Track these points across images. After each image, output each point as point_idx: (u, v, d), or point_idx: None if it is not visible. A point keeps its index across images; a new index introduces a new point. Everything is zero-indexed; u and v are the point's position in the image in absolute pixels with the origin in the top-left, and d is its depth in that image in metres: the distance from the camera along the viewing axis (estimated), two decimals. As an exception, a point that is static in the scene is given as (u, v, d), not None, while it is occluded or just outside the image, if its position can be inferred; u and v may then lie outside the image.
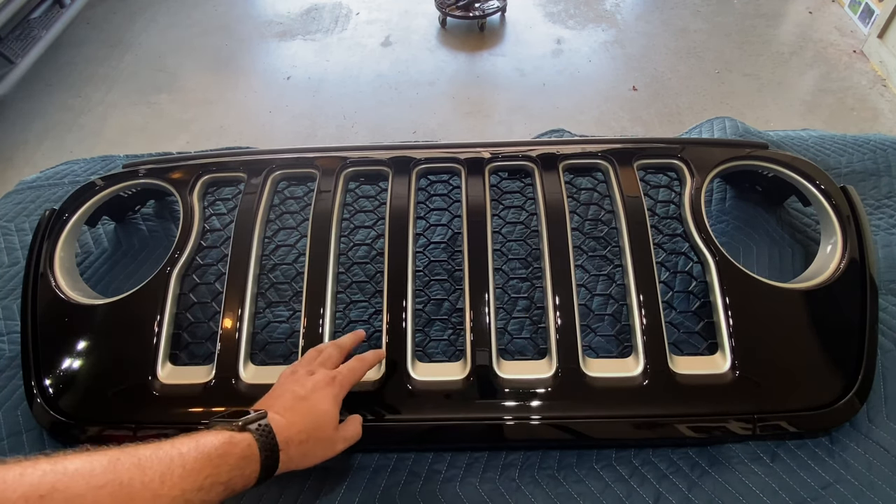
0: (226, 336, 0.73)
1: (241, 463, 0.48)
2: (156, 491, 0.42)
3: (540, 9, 2.89)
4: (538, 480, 0.65)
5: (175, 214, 0.99)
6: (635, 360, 0.70)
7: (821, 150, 1.04)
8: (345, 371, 0.61)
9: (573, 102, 2.39)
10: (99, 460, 0.41)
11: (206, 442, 0.47)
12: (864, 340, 0.69)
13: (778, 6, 2.81)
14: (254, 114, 2.42)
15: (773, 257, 0.88)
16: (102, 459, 0.42)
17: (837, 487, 0.62)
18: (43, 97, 2.49)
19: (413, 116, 2.37)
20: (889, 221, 0.91)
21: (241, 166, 0.88)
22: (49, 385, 0.71)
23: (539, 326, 0.78)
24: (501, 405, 0.68)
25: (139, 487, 0.41)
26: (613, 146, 0.86)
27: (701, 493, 0.63)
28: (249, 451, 0.49)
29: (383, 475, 0.67)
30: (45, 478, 0.38)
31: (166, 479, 0.43)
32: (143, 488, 0.41)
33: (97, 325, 0.75)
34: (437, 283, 0.83)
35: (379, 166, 0.87)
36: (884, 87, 2.34)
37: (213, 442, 0.47)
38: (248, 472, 0.49)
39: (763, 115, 2.27)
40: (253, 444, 0.49)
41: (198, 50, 2.74)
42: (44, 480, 0.38)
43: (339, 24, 2.88)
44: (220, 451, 0.47)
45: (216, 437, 0.48)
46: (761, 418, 0.66)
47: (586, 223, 0.87)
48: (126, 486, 0.41)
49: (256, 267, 0.78)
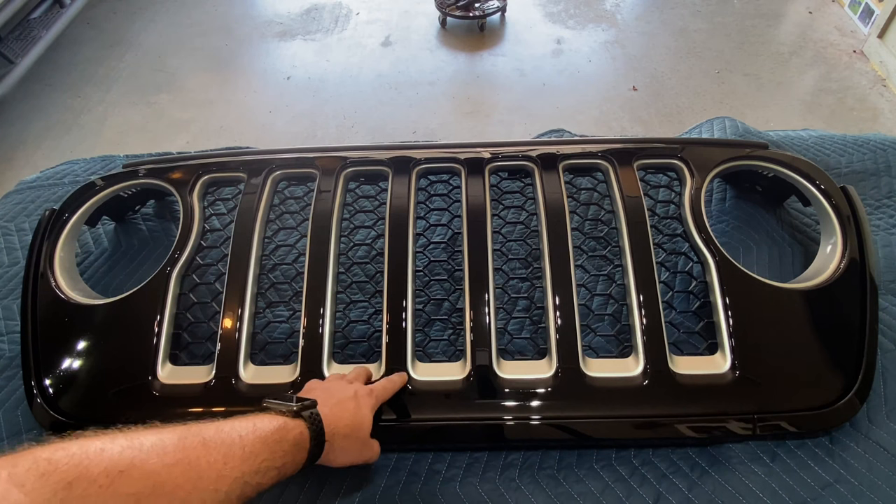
0: (226, 336, 0.73)
1: (293, 449, 0.49)
2: (220, 471, 0.43)
3: (540, 9, 2.89)
4: (538, 480, 0.65)
5: (175, 214, 0.99)
6: (635, 360, 0.70)
7: (821, 150, 1.04)
8: (379, 387, 0.64)
9: (573, 102, 2.39)
10: (170, 437, 0.42)
11: (262, 426, 0.48)
12: (864, 340, 0.69)
13: (778, 6, 2.81)
14: (254, 114, 2.41)
15: (773, 257, 0.88)
16: (172, 437, 0.42)
17: (837, 487, 0.62)
18: (43, 97, 2.49)
19: (413, 116, 2.37)
20: (889, 221, 0.91)
21: (241, 166, 0.88)
22: (49, 385, 0.71)
23: (539, 326, 0.78)
24: (501, 405, 0.68)
25: (205, 467, 0.42)
26: (613, 146, 0.86)
27: (701, 493, 0.63)
28: (301, 438, 0.50)
29: (383, 475, 0.67)
30: (124, 454, 0.39)
31: (228, 460, 0.44)
32: (209, 468, 0.42)
33: (97, 325, 0.75)
34: (437, 283, 0.83)
35: (379, 166, 0.87)
36: (884, 87, 2.34)
37: (269, 427, 0.48)
38: (299, 459, 0.50)
39: (763, 115, 2.27)
40: (305, 432, 0.51)
41: (198, 50, 2.74)
42: (123, 456, 0.38)
43: (339, 24, 2.88)
44: (276, 436, 0.48)
45: (271, 421, 0.49)
46: (761, 418, 0.66)
47: (586, 223, 0.87)
48: (194, 465, 0.42)
49: (256, 267, 0.78)
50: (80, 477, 0.35)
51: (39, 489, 0.33)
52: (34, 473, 0.34)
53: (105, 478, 0.36)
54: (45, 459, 0.35)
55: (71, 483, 0.34)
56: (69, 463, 0.35)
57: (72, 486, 0.34)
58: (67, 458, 0.36)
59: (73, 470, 0.35)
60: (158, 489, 0.39)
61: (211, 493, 0.42)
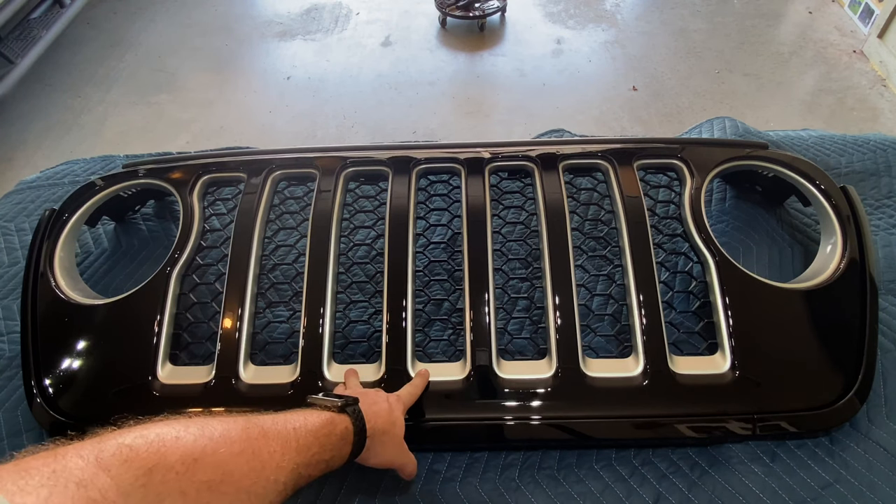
0: (226, 336, 0.73)
1: (340, 443, 0.51)
2: (278, 462, 0.44)
3: (540, 9, 2.89)
4: (538, 480, 0.65)
5: (175, 214, 0.99)
6: (635, 360, 0.70)
7: (821, 150, 1.04)
8: (405, 393, 0.65)
9: (573, 102, 2.39)
10: (234, 427, 0.44)
11: (312, 420, 0.50)
12: (864, 340, 0.69)
13: (778, 6, 2.81)
14: (254, 114, 2.41)
15: (773, 257, 0.88)
16: (237, 427, 0.44)
17: (837, 487, 0.62)
18: (43, 97, 2.49)
19: (413, 116, 2.37)
20: (889, 221, 0.91)
21: (241, 166, 0.88)
22: (49, 385, 0.71)
23: (539, 326, 0.78)
24: (501, 405, 0.68)
25: (266, 458, 0.44)
26: (613, 146, 0.86)
27: (701, 493, 0.63)
28: (346, 432, 0.52)
29: (383, 475, 0.67)
30: (198, 442, 0.40)
31: (286, 451, 0.45)
32: (270, 458, 0.44)
33: (97, 325, 0.75)
34: (437, 283, 0.83)
35: (379, 166, 0.87)
36: (884, 87, 2.34)
37: (318, 421, 0.50)
38: (344, 453, 0.52)
39: (763, 115, 2.27)
40: (350, 427, 0.53)
41: (198, 50, 2.74)
42: (196, 445, 0.40)
43: (339, 24, 2.88)
44: (325, 430, 0.50)
45: (319, 416, 0.51)
46: (761, 418, 0.66)
47: (586, 223, 0.87)
48: (258, 455, 0.43)
49: (256, 267, 0.78)
50: (159, 464, 0.36)
51: (123, 475, 0.34)
52: (118, 459, 0.35)
53: (181, 465, 0.38)
54: (126, 446, 0.36)
55: (151, 469, 0.36)
56: (149, 450, 0.37)
57: (152, 472, 0.36)
58: (147, 445, 0.37)
59: (152, 457, 0.37)
60: (227, 477, 0.40)
61: (272, 483, 0.44)
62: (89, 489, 0.32)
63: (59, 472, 0.31)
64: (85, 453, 0.34)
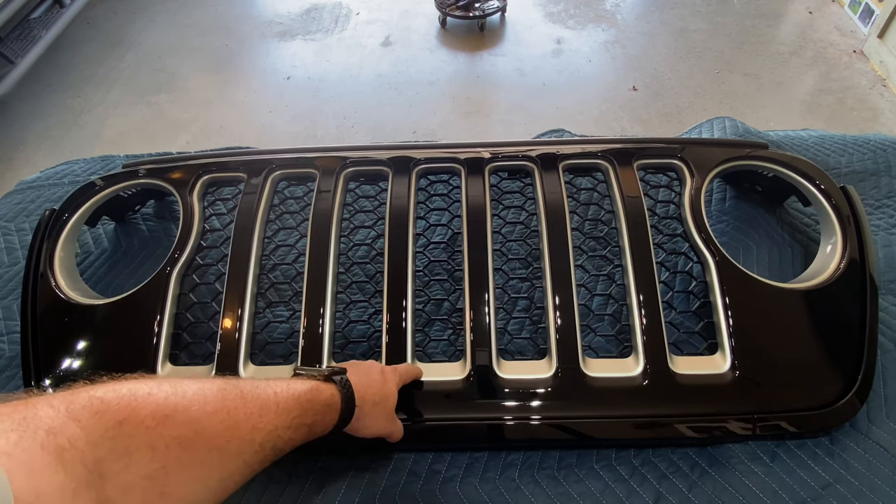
0: (226, 336, 0.73)
1: (324, 409, 0.53)
2: (255, 424, 0.45)
3: (540, 9, 2.89)
4: (538, 480, 0.65)
5: (175, 214, 0.99)
6: (635, 360, 0.70)
7: (821, 150, 1.04)
8: (402, 367, 0.67)
9: (573, 102, 2.39)
10: (210, 388, 0.44)
11: (295, 386, 0.51)
12: (863, 340, 0.69)
13: (778, 6, 2.81)
14: (254, 114, 2.41)
15: (773, 257, 0.88)
16: (213, 387, 0.44)
17: (837, 487, 0.62)
18: (43, 97, 2.49)
19: (413, 116, 2.37)
20: (889, 221, 0.91)
21: (241, 166, 0.88)
22: (49, 385, 0.71)
23: (539, 326, 0.78)
24: (501, 405, 0.68)
25: (242, 418, 0.44)
26: (613, 146, 0.86)
27: (701, 493, 0.63)
28: (332, 399, 0.54)
29: (383, 475, 0.67)
30: (169, 399, 0.40)
31: (263, 413, 0.46)
32: (246, 419, 0.44)
33: (97, 325, 0.75)
34: (437, 283, 0.83)
35: (379, 166, 0.87)
36: (884, 87, 2.34)
37: (302, 387, 0.51)
38: (329, 420, 0.53)
39: (763, 115, 2.27)
40: (336, 395, 0.54)
41: (198, 50, 2.74)
42: (168, 401, 0.40)
43: (339, 24, 2.88)
44: (308, 395, 0.51)
45: (304, 383, 0.52)
46: (761, 418, 0.66)
47: (586, 223, 0.87)
48: (232, 415, 0.44)
49: (256, 267, 0.78)
50: (129, 417, 0.37)
51: (93, 426, 0.35)
52: (89, 410, 0.35)
53: (152, 420, 0.38)
54: (98, 398, 0.36)
55: (121, 422, 0.36)
56: (120, 403, 0.37)
57: (122, 425, 0.36)
58: (118, 398, 0.37)
59: (123, 410, 0.37)
60: (199, 435, 0.41)
61: (247, 442, 0.44)
62: (58, 437, 0.32)
63: (29, 419, 0.32)
64: (56, 403, 0.34)
